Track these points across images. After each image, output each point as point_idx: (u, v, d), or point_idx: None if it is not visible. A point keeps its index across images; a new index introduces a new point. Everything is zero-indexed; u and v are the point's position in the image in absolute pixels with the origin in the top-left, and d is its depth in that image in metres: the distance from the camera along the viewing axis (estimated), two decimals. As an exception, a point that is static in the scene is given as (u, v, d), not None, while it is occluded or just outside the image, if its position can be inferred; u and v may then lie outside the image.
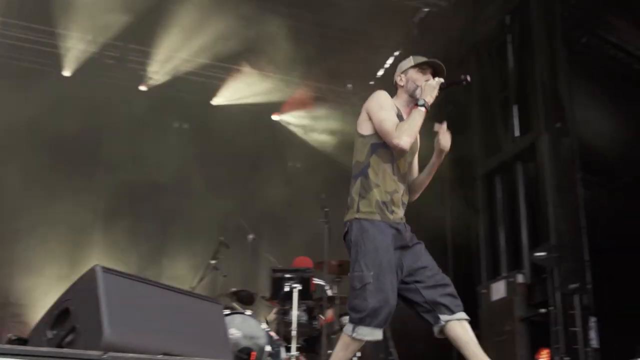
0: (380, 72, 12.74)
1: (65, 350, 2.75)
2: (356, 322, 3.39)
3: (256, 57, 11.20)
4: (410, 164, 3.72)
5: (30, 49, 10.54)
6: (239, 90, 11.82)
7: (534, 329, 8.26)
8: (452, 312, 3.48)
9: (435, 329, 3.53)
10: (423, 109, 3.46)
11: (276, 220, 11.43)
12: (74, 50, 10.64)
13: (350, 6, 10.08)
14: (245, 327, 6.49)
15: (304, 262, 7.50)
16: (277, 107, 12.61)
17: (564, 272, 8.08)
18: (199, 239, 9.92)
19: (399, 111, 3.62)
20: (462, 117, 10.40)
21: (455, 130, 3.90)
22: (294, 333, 6.35)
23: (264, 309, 7.92)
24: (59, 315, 2.95)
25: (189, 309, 3.26)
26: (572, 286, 8.02)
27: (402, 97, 3.71)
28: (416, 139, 3.67)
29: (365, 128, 3.60)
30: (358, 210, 3.50)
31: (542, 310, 8.14)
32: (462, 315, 3.53)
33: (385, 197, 3.51)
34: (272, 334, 6.62)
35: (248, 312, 6.69)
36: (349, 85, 12.71)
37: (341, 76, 12.43)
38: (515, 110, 9.53)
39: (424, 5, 10.90)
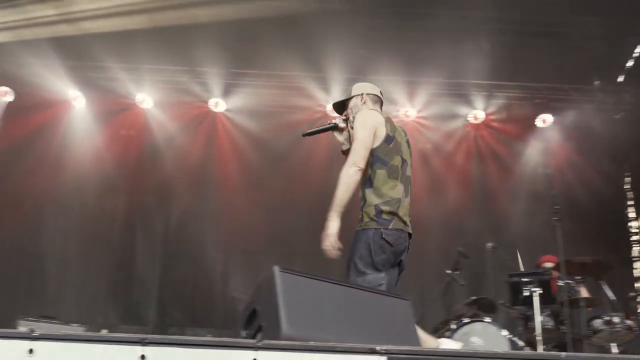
0: (630, 63, 11.74)
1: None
2: None
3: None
4: None
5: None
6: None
7: None
8: None
9: None
10: None
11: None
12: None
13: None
14: (486, 334, 6.46)
15: (550, 260, 7.14)
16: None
17: None
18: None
19: None
20: None
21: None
22: (538, 338, 6.14)
23: (505, 316, 7.70)
24: (250, 315, 3.25)
25: (371, 305, 3.36)
26: None
27: None
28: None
29: None
30: None
31: None
32: None
33: None
34: (516, 339, 6.50)
35: (487, 319, 6.62)
36: (597, 82, 11.92)
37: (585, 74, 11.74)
38: None
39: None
